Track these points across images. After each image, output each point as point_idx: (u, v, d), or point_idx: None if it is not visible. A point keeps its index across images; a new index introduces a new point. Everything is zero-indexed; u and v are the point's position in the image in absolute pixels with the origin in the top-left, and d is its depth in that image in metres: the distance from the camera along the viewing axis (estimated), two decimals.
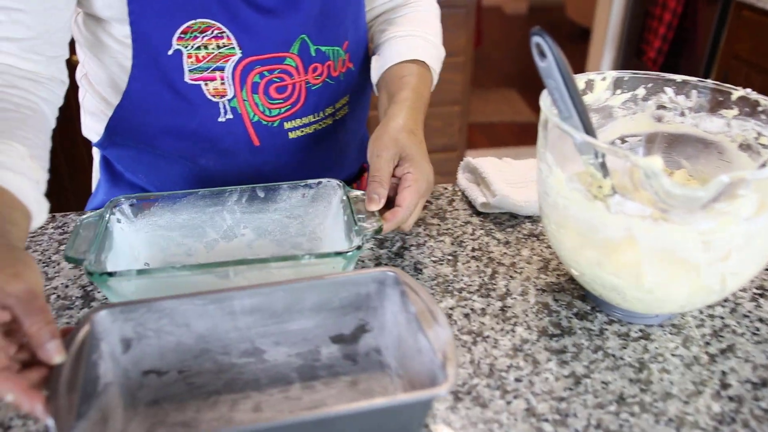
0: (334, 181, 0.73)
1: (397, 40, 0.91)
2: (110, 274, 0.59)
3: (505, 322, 0.67)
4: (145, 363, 0.56)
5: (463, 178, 0.92)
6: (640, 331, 0.66)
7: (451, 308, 0.69)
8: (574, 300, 0.71)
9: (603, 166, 0.61)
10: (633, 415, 0.57)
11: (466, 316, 0.68)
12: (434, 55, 0.92)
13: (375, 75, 0.90)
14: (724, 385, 0.60)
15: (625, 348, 0.64)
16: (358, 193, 0.71)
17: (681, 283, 0.58)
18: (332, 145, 0.93)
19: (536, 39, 0.53)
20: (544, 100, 0.63)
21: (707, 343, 0.65)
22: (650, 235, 0.55)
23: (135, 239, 0.70)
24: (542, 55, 0.54)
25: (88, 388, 0.49)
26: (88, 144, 0.93)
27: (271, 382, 0.59)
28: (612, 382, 0.60)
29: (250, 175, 0.86)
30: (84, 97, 0.90)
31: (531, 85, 3.95)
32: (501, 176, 0.88)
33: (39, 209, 0.62)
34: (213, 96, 0.79)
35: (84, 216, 0.66)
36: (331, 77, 0.86)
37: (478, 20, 2.96)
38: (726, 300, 0.71)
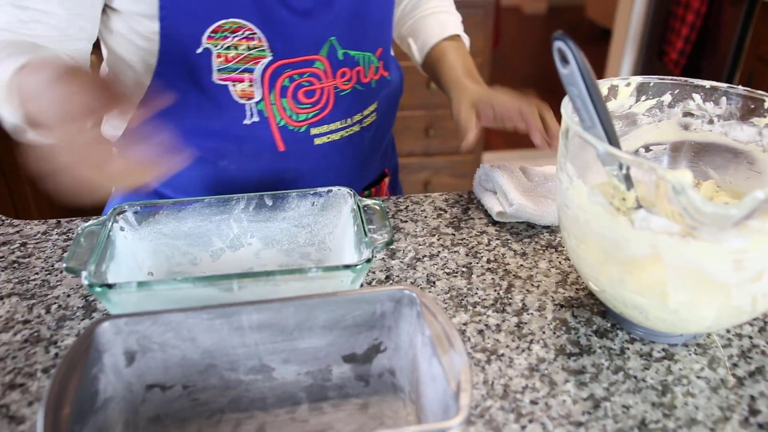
0: (345, 189, 0.71)
1: (427, 20, 1.00)
2: (110, 286, 0.56)
3: (520, 340, 0.64)
4: (149, 377, 0.54)
5: (479, 186, 0.89)
6: (663, 350, 0.63)
7: (464, 324, 0.66)
8: (593, 316, 0.68)
9: (627, 178, 0.57)
10: None
11: (480, 332, 0.65)
12: (459, 24, 1.02)
13: (419, 57, 1.01)
14: (753, 411, 0.56)
15: (647, 369, 0.61)
16: (369, 202, 0.69)
17: (709, 303, 0.55)
18: (357, 152, 0.90)
19: (558, 44, 0.50)
20: (566, 107, 0.59)
21: (735, 365, 0.61)
22: (677, 253, 0.52)
23: (139, 248, 0.68)
24: (564, 61, 0.51)
25: (85, 405, 0.47)
26: None
27: (278, 401, 0.56)
28: (633, 405, 0.57)
29: (272, 181, 0.84)
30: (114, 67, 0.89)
31: (549, 87, 3.90)
32: (518, 184, 0.85)
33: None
34: (240, 98, 0.77)
35: (86, 224, 0.64)
36: (361, 83, 0.84)
37: (497, 21, 2.92)
38: (755, 318, 0.68)
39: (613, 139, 0.55)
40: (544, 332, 0.65)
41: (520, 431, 0.54)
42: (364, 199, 0.69)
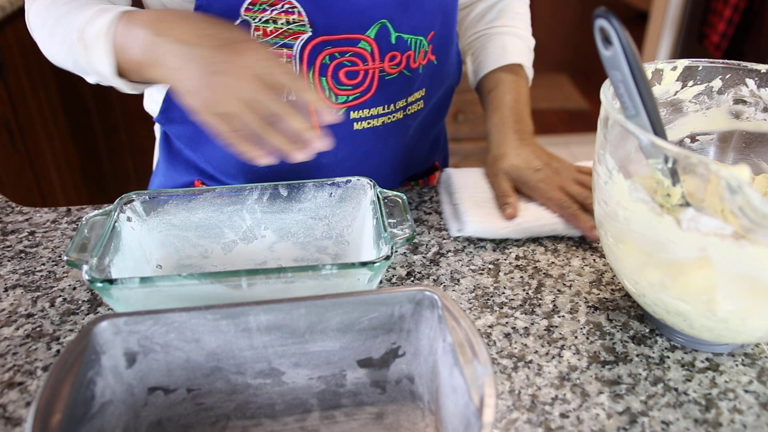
0: (365, 180, 0.66)
1: (490, 40, 0.91)
2: (111, 282, 0.53)
3: (551, 345, 0.59)
4: (152, 379, 0.51)
5: (444, 194, 0.81)
6: (707, 360, 0.58)
7: (490, 326, 0.61)
8: (630, 320, 0.62)
9: (673, 173, 0.52)
10: None
11: (507, 336, 0.60)
12: (525, 50, 0.91)
13: (473, 79, 0.93)
14: None
15: (689, 381, 0.56)
16: (390, 193, 0.64)
17: (762, 314, 0.49)
18: (400, 141, 0.85)
19: (600, 22, 0.45)
20: (605, 93, 0.54)
21: None
22: (729, 257, 0.47)
23: (147, 239, 0.65)
24: (607, 41, 0.46)
25: (79, 411, 0.44)
26: (129, 126, 0.88)
27: (288, 408, 0.52)
28: (674, 422, 0.52)
29: (307, 165, 0.79)
30: None
31: (583, 70, 3.80)
32: (480, 195, 0.78)
33: None
34: None
35: (91, 213, 0.61)
36: (410, 68, 0.79)
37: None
38: None
39: (658, 129, 0.50)
40: (576, 337, 0.60)
41: None
42: (384, 190, 0.65)
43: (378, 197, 0.63)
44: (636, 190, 0.51)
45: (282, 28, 0.70)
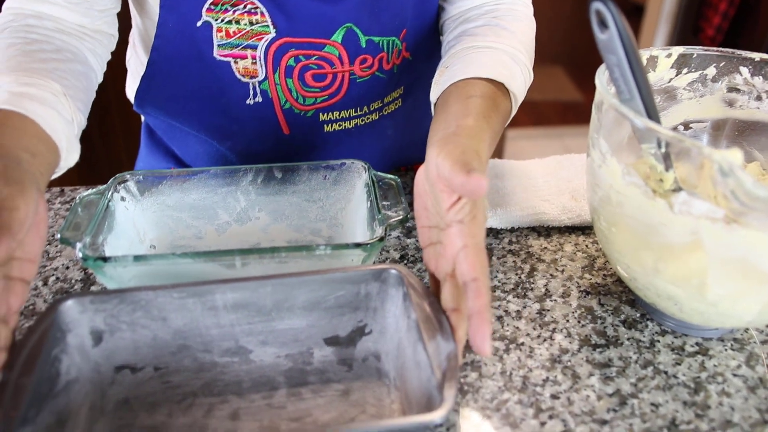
0: (359, 163, 0.66)
1: (472, 52, 0.67)
2: (105, 260, 0.53)
3: (542, 328, 0.60)
4: (118, 357, 0.51)
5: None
6: (697, 344, 0.59)
7: None
8: (621, 305, 0.63)
9: (666, 157, 0.52)
10: None
11: (499, 318, 0.61)
12: (519, 77, 0.67)
13: (435, 93, 0.66)
14: None
15: (679, 364, 0.56)
16: (386, 176, 0.64)
17: (752, 297, 0.50)
18: (376, 142, 0.83)
19: (597, 5, 0.45)
20: (600, 78, 0.54)
21: None
22: (721, 241, 0.47)
23: (141, 219, 0.65)
24: (603, 25, 0.46)
25: (42, 389, 0.44)
26: (121, 109, 0.89)
27: (255, 385, 0.53)
28: (663, 404, 0.53)
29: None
30: (130, 56, 0.86)
31: (577, 63, 3.80)
32: None
33: (69, 147, 0.57)
34: (243, 76, 0.71)
35: (85, 192, 0.61)
36: (383, 70, 0.76)
37: None
38: None
39: (652, 114, 0.50)
40: (567, 321, 0.61)
41: (540, 428, 0.50)
42: (380, 173, 0.65)
43: (372, 180, 0.63)
44: (629, 173, 0.51)
45: (245, 29, 0.69)
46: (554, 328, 0.60)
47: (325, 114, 0.76)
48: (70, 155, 0.58)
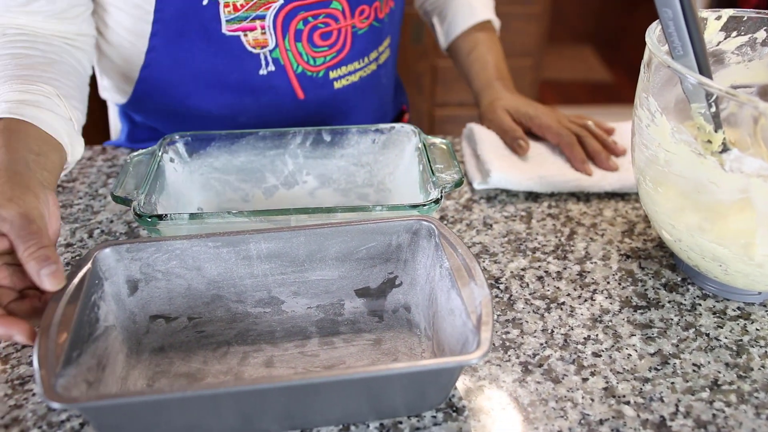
0: (409, 127, 0.66)
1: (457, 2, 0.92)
2: (160, 217, 0.54)
3: (583, 289, 0.60)
4: (153, 307, 0.52)
5: (466, 148, 0.81)
6: (739, 309, 0.58)
7: (523, 269, 0.62)
8: (662, 269, 0.63)
9: (716, 117, 0.52)
10: (729, 405, 0.49)
11: (540, 279, 0.61)
12: (488, 2, 0.94)
13: (444, 41, 0.94)
14: None
15: (720, 327, 0.56)
16: (437, 140, 0.64)
17: None
18: (375, 91, 0.87)
19: None
20: (650, 35, 0.54)
21: None
22: None
23: (188, 181, 0.65)
24: None
25: (83, 332, 0.45)
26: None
27: (287, 335, 0.54)
28: (705, 365, 0.53)
29: None
30: (99, 59, 0.81)
31: (607, 42, 3.74)
32: (504, 148, 0.77)
33: (72, 142, 0.59)
34: (253, 47, 0.72)
35: (135, 153, 0.62)
36: (378, 19, 0.80)
37: None
38: None
39: (705, 71, 0.50)
40: (608, 282, 0.61)
41: (581, 383, 0.50)
42: (429, 137, 0.65)
43: (424, 143, 0.63)
44: (679, 131, 0.51)
45: (253, 1, 0.69)
46: (595, 289, 0.60)
47: (334, 71, 0.79)
48: (75, 149, 0.61)
